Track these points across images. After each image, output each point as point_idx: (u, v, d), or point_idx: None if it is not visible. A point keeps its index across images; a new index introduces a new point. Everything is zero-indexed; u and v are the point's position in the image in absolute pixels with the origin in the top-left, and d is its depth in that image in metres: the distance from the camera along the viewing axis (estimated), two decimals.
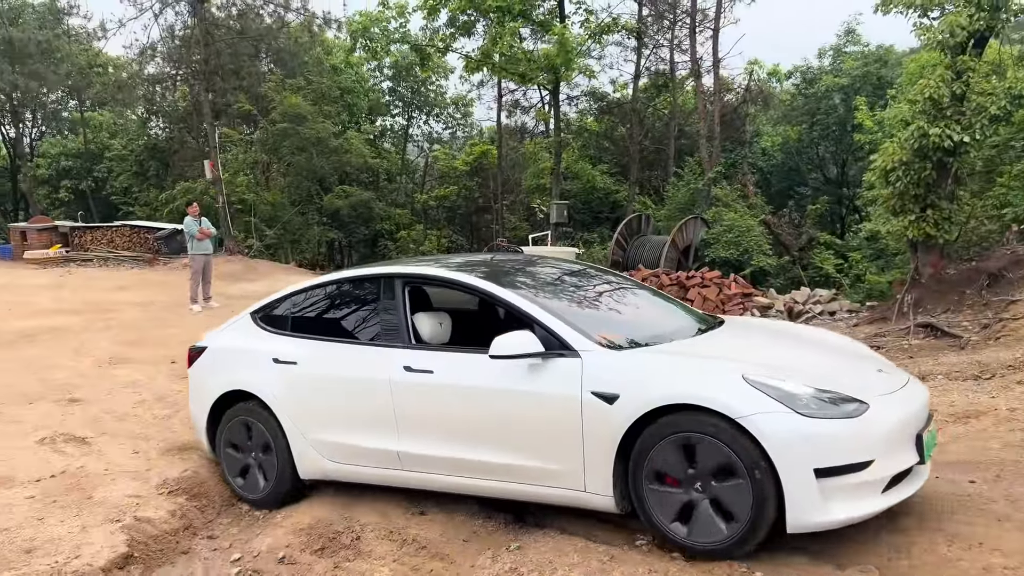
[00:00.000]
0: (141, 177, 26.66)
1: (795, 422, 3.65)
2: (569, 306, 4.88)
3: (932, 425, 4.20)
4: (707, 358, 4.21)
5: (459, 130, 35.42)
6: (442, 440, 4.61)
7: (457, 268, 5.13)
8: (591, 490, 4.15)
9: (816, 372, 4.05)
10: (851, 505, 3.69)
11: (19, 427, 6.92)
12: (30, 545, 4.55)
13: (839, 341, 5.08)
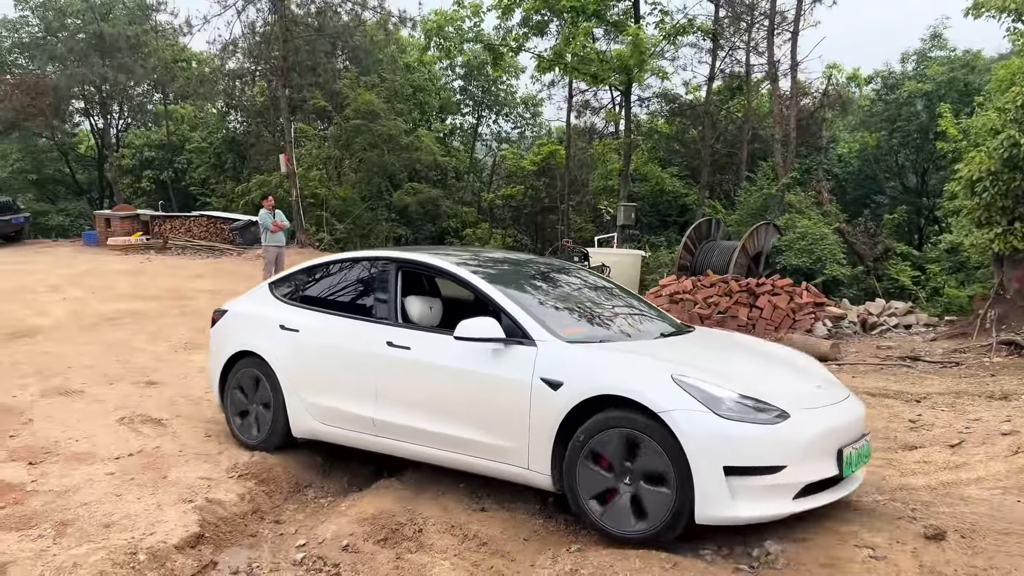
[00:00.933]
0: (219, 169, 27.50)
1: (711, 421, 3.95)
2: (540, 301, 5.25)
3: (863, 443, 4.45)
4: (648, 357, 4.55)
5: (528, 130, 35.50)
6: (412, 411, 5.04)
7: (444, 257, 5.53)
8: (533, 468, 4.54)
9: (750, 381, 4.32)
10: (758, 505, 3.99)
11: (101, 406, 7.23)
12: (109, 520, 4.73)
13: (792, 357, 5.30)
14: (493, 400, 4.70)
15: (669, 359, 4.47)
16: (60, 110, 30.08)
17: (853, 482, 4.45)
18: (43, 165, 33.81)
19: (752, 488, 3.97)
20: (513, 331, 4.68)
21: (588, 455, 4.24)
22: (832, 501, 4.24)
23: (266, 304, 6.18)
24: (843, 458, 4.19)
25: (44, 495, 5.14)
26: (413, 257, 5.62)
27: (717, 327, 11.35)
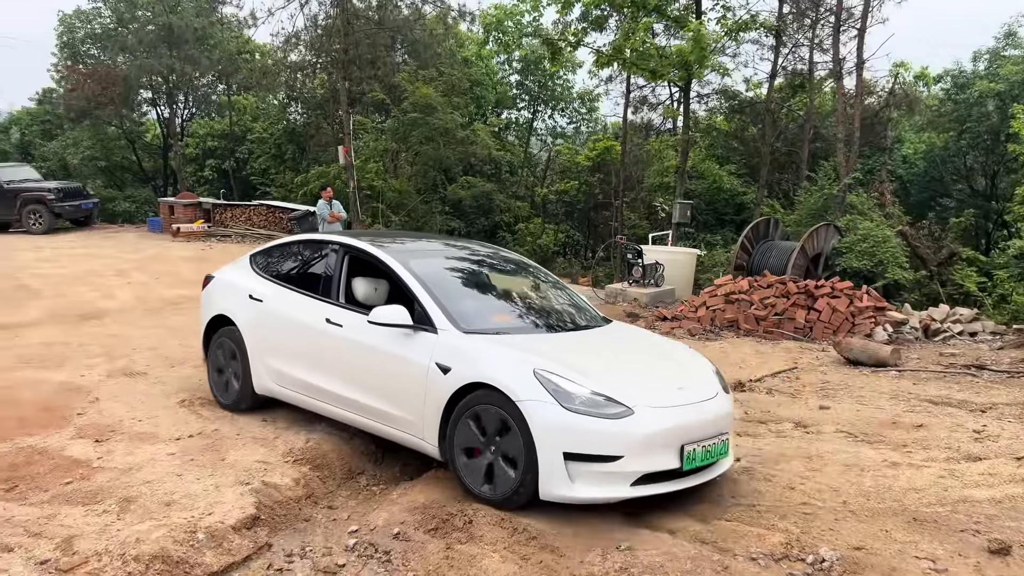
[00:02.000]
0: (278, 159, 27.99)
1: (557, 412, 4.53)
2: (460, 294, 5.83)
3: (717, 440, 4.92)
4: (525, 352, 5.03)
5: (583, 125, 35.33)
6: (341, 381, 5.75)
7: (380, 246, 6.13)
8: (426, 439, 5.20)
9: (610, 380, 4.83)
10: (595, 488, 4.55)
11: (163, 388, 7.45)
12: (170, 498, 4.88)
13: (682, 357, 5.74)
14: (400, 377, 5.36)
15: (543, 354, 4.99)
16: (129, 99, 30.95)
17: (709, 472, 4.95)
18: (112, 153, 34.82)
19: (590, 473, 4.53)
20: (422, 319, 5.34)
21: (469, 417, 4.89)
22: (673, 490, 4.71)
23: (243, 274, 6.93)
24: (684, 453, 4.67)
25: (109, 472, 5.33)
26: (354, 243, 6.26)
27: (774, 329, 11.17)
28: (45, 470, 5.37)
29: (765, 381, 8.59)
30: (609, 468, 4.53)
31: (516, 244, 28.91)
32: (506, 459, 4.74)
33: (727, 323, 11.57)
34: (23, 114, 40.38)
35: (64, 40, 33.22)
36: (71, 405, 6.91)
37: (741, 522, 4.68)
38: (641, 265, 14.59)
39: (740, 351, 10.07)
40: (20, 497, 4.98)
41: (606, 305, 13.84)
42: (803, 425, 6.86)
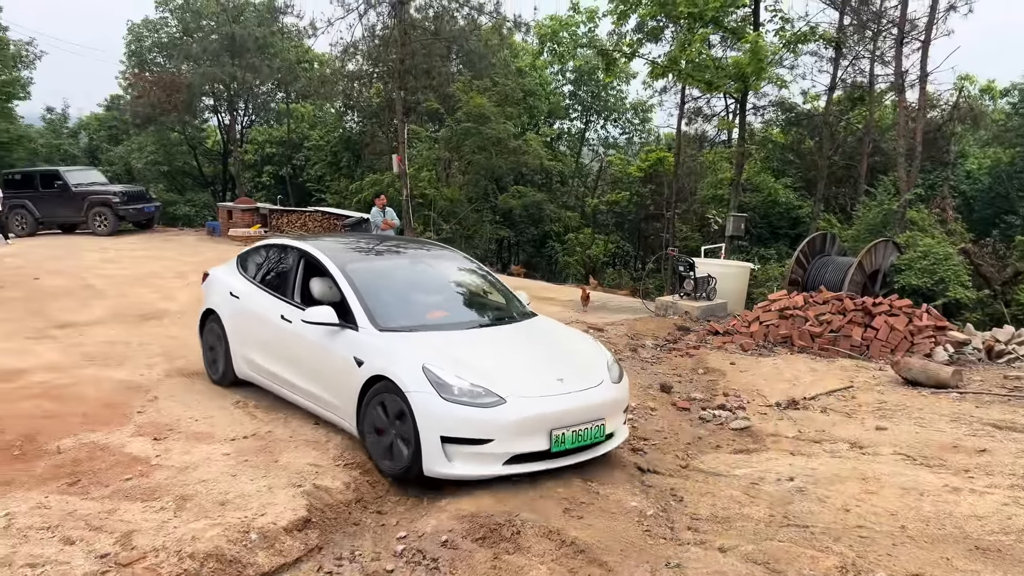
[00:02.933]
0: (334, 167, 28.48)
1: (436, 402, 5.22)
2: (389, 295, 6.48)
3: (591, 426, 5.50)
4: (428, 348, 5.68)
5: (636, 136, 35.17)
6: (291, 369, 6.58)
7: (325, 251, 6.87)
8: (349, 421, 5.94)
9: (494, 373, 5.48)
10: (470, 466, 5.22)
11: (219, 389, 7.61)
12: (224, 498, 4.99)
13: (580, 349, 6.38)
14: (329, 368, 6.13)
15: (440, 350, 5.68)
16: (192, 106, 31.87)
17: (587, 454, 5.57)
18: (174, 158, 35.89)
19: (465, 454, 5.21)
20: (347, 317, 6.07)
21: (377, 403, 5.60)
22: (543, 468, 5.34)
23: (229, 273, 7.86)
24: (553, 437, 5.30)
25: (167, 470, 5.47)
26: (305, 247, 7.06)
27: (829, 346, 10.93)
28: (106, 466, 5.54)
29: (819, 399, 8.41)
30: (481, 450, 5.22)
31: (565, 254, 28.88)
32: (402, 440, 5.44)
33: (781, 339, 11.35)
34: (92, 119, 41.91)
35: (132, 49, 34.41)
36: (131, 403, 7.11)
37: (794, 543, 4.59)
38: (693, 278, 14.41)
39: (794, 368, 9.87)
40: (82, 491, 5.14)
41: (656, 318, 13.70)
42: (859, 446, 6.69)
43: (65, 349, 9.43)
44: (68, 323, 11.05)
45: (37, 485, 5.23)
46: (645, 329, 12.71)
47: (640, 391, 8.75)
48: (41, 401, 7.13)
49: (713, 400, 8.38)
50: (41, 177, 23.70)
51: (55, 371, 8.27)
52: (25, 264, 16.86)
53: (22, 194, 23.16)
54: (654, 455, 6.64)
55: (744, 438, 7.14)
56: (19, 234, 22.58)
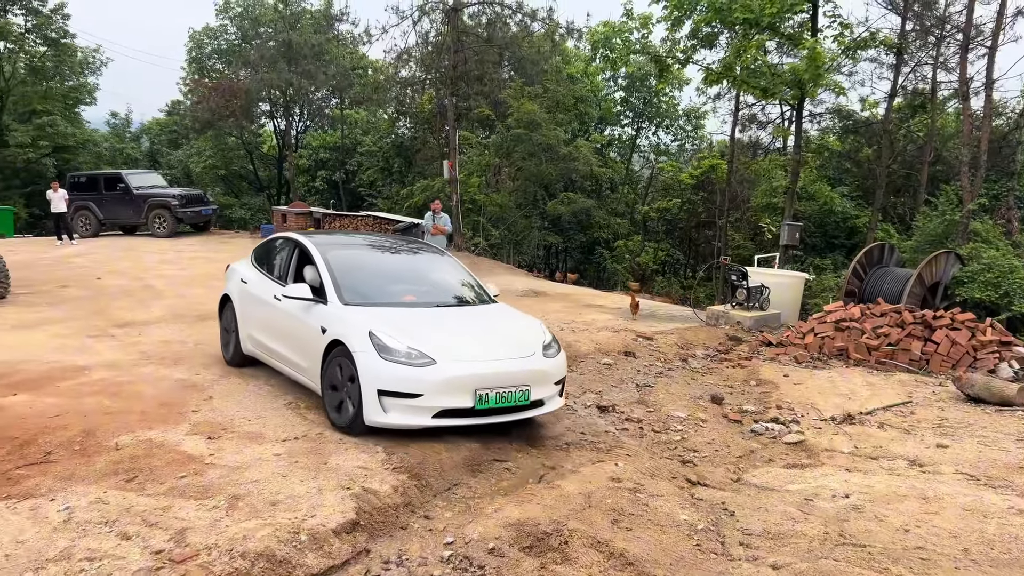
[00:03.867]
0: (386, 172, 28.81)
1: (376, 360, 6.12)
2: (360, 276, 7.49)
3: (516, 390, 6.31)
4: (379, 320, 6.54)
5: (688, 142, 34.84)
6: (279, 342, 7.61)
7: (313, 241, 7.92)
8: (315, 381, 6.87)
9: (432, 341, 6.34)
10: (403, 417, 6.10)
11: (271, 390, 7.72)
12: (275, 498, 5.04)
13: (519, 327, 7.23)
14: (304, 336, 7.06)
15: (390, 321, 6.55)
16: (250, 112, 32.57)
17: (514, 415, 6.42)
18: (231, 162, 36.72)
19: (399, 406, 6.08)
20: (320, 293, 7.07)
21: (335, 365, 6.51)
22: (469, 424, 6.22)
23: (243, 264, 8.94)
24: (477, 396, 6.12)
25: (220, 469, 5.56)
26: (298, 238, 8.16)
27: (886, 359, 10.63)
28: (162, 463, 5.65)
29: (876, 414, 8.18)
30: (413, 403, 6.07)
31: (614, 261, 28.72)
32: (350, 398, 6.33)
33: (836, 352, 11.09)
34: (153, 124, 43.15)
35: (193, 55, 35.36)
36: (187, 402, 7.26)
37: (850, 563, 4.45)
38: (745, 287, 14.17)
39: (849, 381, 9.63)
40: (139, 487, 5.25)
41: (706, 328, 13.50)
42: (918, 463, 6.48)
43: (124, 347, 9.68)
44: (128, 322, 11.36)
45: (96, 480, 5.36)
46: (696, 339, 12.53)
47: (690, 402, 8.64)
48: (101, 398, 7.32)
49: (765, 413, 8.22)
50: (104, 180, 24.46)
51: (115, 369, 8.49)
52: (89, 264, 17.41)
53: (86, 196, 23.94)
54: (705, 467, 6.53)
55: (798, 452, 6.98)
56: (83, 235, 23.33)
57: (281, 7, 30.12)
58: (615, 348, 11.10)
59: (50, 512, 4.70)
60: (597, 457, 6.52)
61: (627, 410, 8.20)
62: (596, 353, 10.72)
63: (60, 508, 4.76)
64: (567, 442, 6.96)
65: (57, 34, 36.43)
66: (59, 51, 36.85)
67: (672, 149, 35.07)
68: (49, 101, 37.61)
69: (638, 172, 34.64)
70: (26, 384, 7.82)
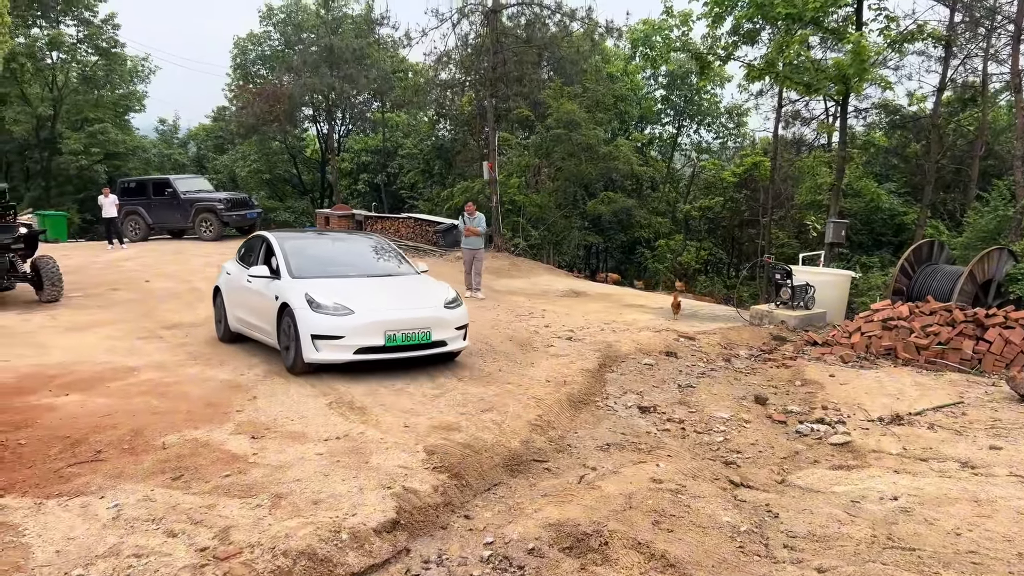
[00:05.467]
0: (426, 174, 28.98)
1: (309, 314, 8.10)
2: (310, 259, 9.54)
3: (418, 332, 8.27)
4: (316, 286, 8.56)
5: (730, 140, 34.40)
6: (251, 314, 9.53)
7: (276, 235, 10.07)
8: (272, 339, 8.90)
9: (353, 298, 8.33)
10: (332, 354, 8.04)
11: (313, 390, 7.81)
12: (317, 497, 5.09)
13: (428, 289, 9.26)
14: (265, 305, 9.05)
15: (325, 287, 8.60)
16: (293, 116, 33.03)
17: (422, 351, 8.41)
18: (275, 166, 37.29)
19: (328, 346, 8.03)
20: (276, 272, 9.16)
21: (285, 324, 8.52)
22: (383, 358, 8.22)
23: (230, 261, 10.93)
24: (387, 336, 8.12)
25: (263, 468, 5.63)
26: (265, 233, 10.22)
27: (936, 359, 10.37)
28: (207, 462, 5.75)
29: (926, 415, 7.97)
30: (338, 343, 8.05)
31: (655, 261, 28.49)
32: (294, 343, 8.30)
33: (883, 351, 10.84)
34: (200, 130, 44.02)
35: (237, 62, 36.00)
36: (231, 402, 7.39)
37: (899, 567, 4.34)
38: (790, 286, 13.94)
39: (898, 381, 9.40)
40: (184, 486, 5.35)
41: (750, 327, 13.31)
42: (970, 465, 6.30)
43: (172, 348, 9.90)
44: (175, 324, 11.60)
45: (144, 478, 5.47)
46: (739, 338, 12.37)
47: (733, 402, 8.52)
48: (149, 398, 7.49)
49: (811, 413, 8.07)
50: (153, 185, 25.00)
51: (162, 370, 8.68)
52: (138, 268, 17.82)
53: (135, 201, 24.50)
54: (748, 469, 6.43)
55: (844, 454, 6.84)
56: (133, 239, 23.88)
57: (323, 12, 30.48)
58: (656, 348, 11.01)
59: (100, 509, 4.82)
60: (638, 458, 6.47)
61: (669, 411, 8.12)
62: (637, 353, 10.64)
63: (109, 505, 4.87)
64: (608, 443, 6.92)
65: (107, 44, 37.42)
66: (109, 60, 37.84)
67: (714, 147, 34.67)
68: (100, 109, 38.65)
69: (679, 170, 34.31)
70: (78, 384, 8.03)
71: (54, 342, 10.51)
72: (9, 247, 13.57)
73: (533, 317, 13.24)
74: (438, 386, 8.15)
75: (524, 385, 8.32)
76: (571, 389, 8.37)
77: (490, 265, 18.76)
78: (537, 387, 8.26)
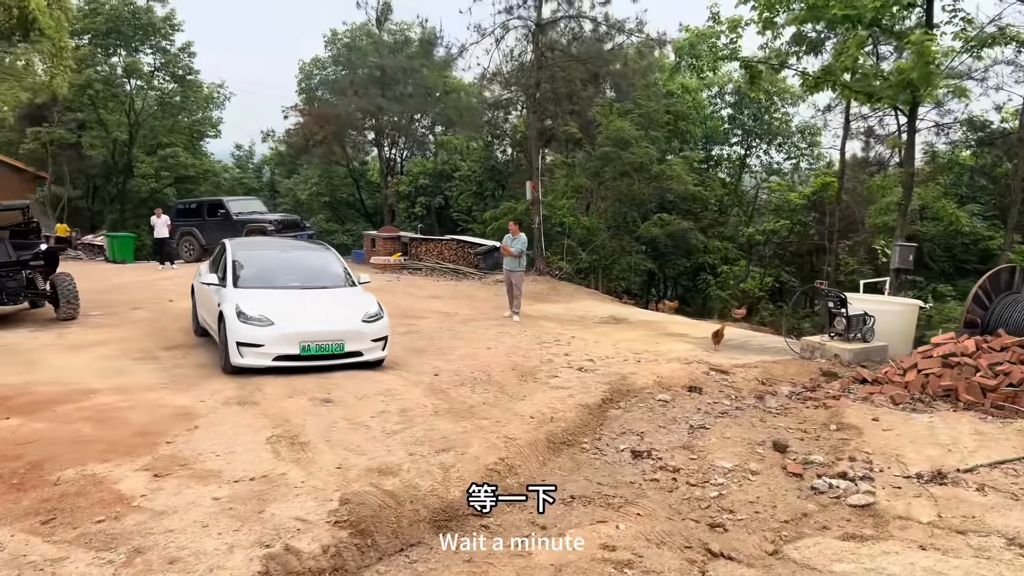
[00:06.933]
0: (479, 196, 28.33)
1: (236, 323, 8.93)
2: (252, 267, 10.36)
3: (332, 344, 9.09)
4: (249, 297, 9.41)
5: (803, 160, 32.53)
6: (207, 315, 10.46)
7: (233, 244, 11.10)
8: (219, 339, 9.50)
9: (277, 311, 9.14)
10: (253, 359, 8.86)
11: (265, 421, 7.06)
12: (177, 555, 4.30)
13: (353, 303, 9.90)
14: (212, 308, 9.91)
15: (255, 298, 9.40)
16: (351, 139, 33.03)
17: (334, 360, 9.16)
18: (337, 189, 37.42)
19: (251, 352, 8.82)
20: (223, 280, 9.98)
21: (222, 328, 9.13)
22: (295, 365, 8.93)
23: (206, 263, 12.05)
24: (302, 346, 8.91)
25: (143, 513, 4.87)
26: (226, 243, 11.11)
27: (1005, 403, 8.85)
28: (88, 503, 5.03)
29: (979, 472, 6.58)
30: (259, 351, 8.81)
31: (718, 288, 26.95)
32: (224, 350, 9.05)
33: (942, 392, 9.34)
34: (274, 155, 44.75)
35: (302, 86, 36.42)
36: (168, 431, 6.69)
37: None
38: (844, 316, 12.48)
39: (954, 429, 7.97)
40: (49, 532, 4.64)
41: (799, 361, 11.92)
42: (1018, 544, 4.99)
43: (159, 371, 9.37)
44: (177, 344, 11.11)
45: (14, 520, 4.81)
46: (783, 373, 11.04)
47: (746, 449, 7.31)
48: (83, 425, 6.87)
49: (835, 465, 6.79)
50: (208, 206, 25.19)
51: (122, 393, 8.10)
52: (171, 287, 17.65)
53: (191, 222, 24.69)
54: (736, 534, 5.30)
55: (862, 518, 5.60)
56: (188, 260, 24.00)
57: (376, 33, 30.49)
58: (679, 382, 9.84)
59: None
60: (601, 515, 5.42)
61: (666, 456, 7.00)
62: (654, 387, 9.50)
63: None
64: (575, 495, 5.88)
65: (183, 71, 38.50)
66: (185, 87, 38.90)
67: (785, 168, 32.87)
68: (175, 134, 39.72)
69: (748, 192, 32.61)
70: (26, 407, 7.50)
71: (48, 361, 10.15)
72: (28, 263, 13.49)
73: (556, 345, 12.22)
74: (406, 420, 7.28)
75: (502, 421, 7.34)
76: (555, 427, 7.34)
77: (529, 289, 17.83)
78: (515, 424, 7.27)
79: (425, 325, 13.60)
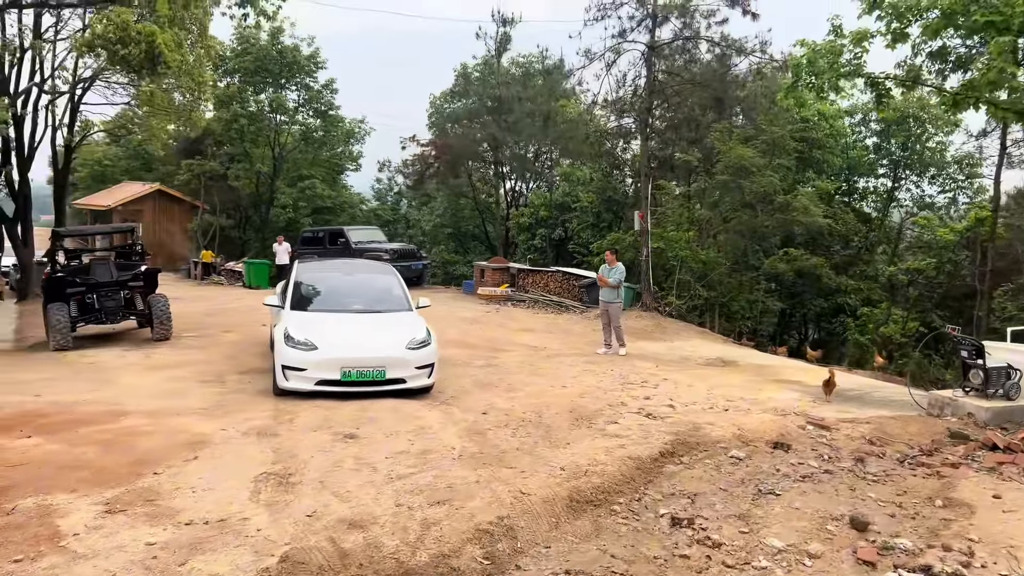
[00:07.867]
0: (596, 228, 27.43)
1: (283, 347, 8.99)
2: (310, 289, 10.80)
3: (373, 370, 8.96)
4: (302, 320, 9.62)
5: (961, 194, 29.35)
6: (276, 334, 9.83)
7: (300, 268, 11.55)
8: None
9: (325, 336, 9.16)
10: (298, 384, 8.87)
11: (267, 456, 6.57)
12: None
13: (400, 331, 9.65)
14: (274, 331, 9.92)
15: (309, 321, 9.61)
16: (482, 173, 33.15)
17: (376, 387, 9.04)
18: (463, 221, 37.62)
19: (295, 376, 8.91)
20: (283, 303, 10.34)
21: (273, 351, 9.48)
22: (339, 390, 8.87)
23: None
24: (343, 372, 8.90)
25: (65, 555, 4.45)
26: (296, 264, 11.78)
27: None
28: (22, 539, 4.66)
29: None
30: (302, 375, 8.86)
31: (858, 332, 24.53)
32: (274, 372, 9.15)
33: None
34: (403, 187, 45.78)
35: (432, 120, 37.05)
36: (164, 461, 6.34)
37: None
38: (982, 368, 10.62)
39: None
40: None
41: (925, 418, 10.20)
42: None
43: (214, 395, 9.44)
44: (250, 369, 11.11)
45: None
46: (900, 432, 9.39)
47: (815, 524, 6.02)
48: (89, 449, 6.65)
49: (922, 554, 5.41)
50: (329, 235, 25.80)
51: (152, 417, 7.94)
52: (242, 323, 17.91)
53: (313, 249, 25.35)
54: None
55: None
56: None
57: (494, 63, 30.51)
58: (763, 436, 8.54)
59: None
60: None
61: (711, 526, 5.86)
62: (732, 441, 8.28)
63: None
64: (570, 569, 4.91)
65: (325, 107, 40.24)
66: (327, 122, 40.62)
67: (940, 202, 29.78)
68: (315, 167, 41.48)
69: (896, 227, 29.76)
70: (53, 427, 7.44)
71: (120, 379, 10.33)
72: (127, 284, 14.00)
73: (641, 387, 11.11)
74: (420, 464, 6.56)
75: (527, 472, 6.47)
76: (585, 483, 6.37)
77: (632, 325, 16.72)
78: (539, 476, 6.37)
79: (507, 359, 12.88)
